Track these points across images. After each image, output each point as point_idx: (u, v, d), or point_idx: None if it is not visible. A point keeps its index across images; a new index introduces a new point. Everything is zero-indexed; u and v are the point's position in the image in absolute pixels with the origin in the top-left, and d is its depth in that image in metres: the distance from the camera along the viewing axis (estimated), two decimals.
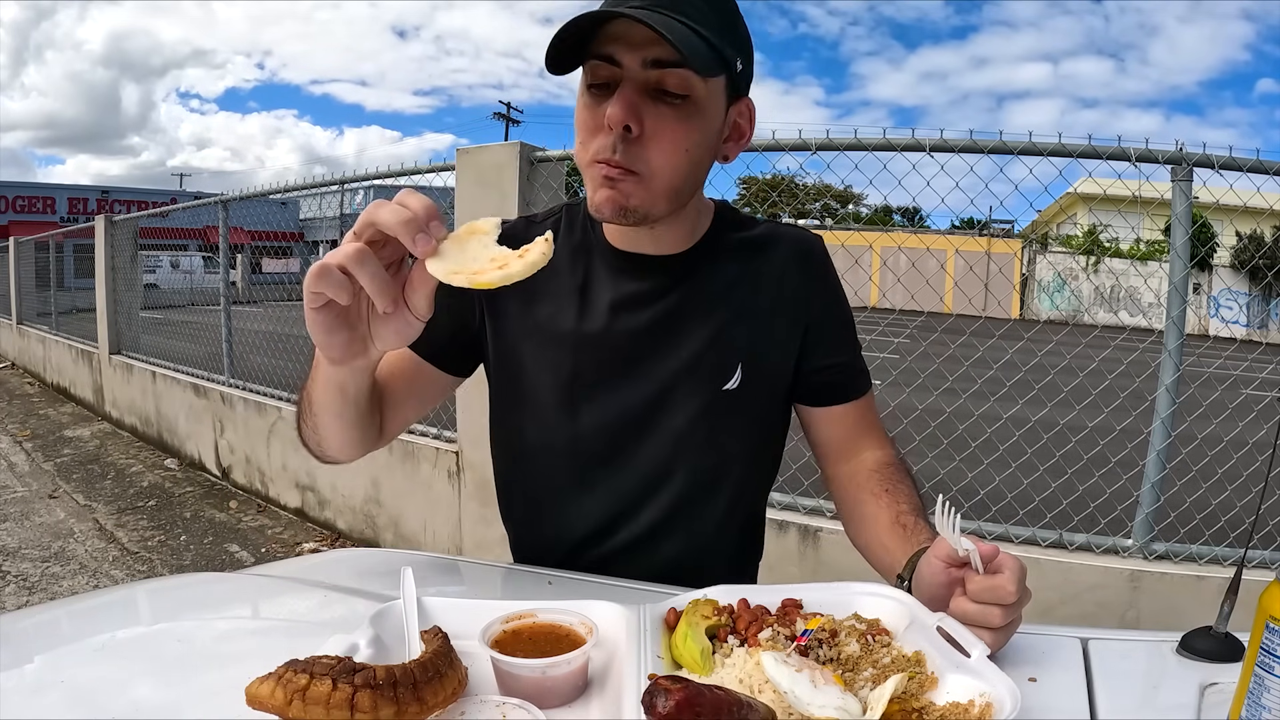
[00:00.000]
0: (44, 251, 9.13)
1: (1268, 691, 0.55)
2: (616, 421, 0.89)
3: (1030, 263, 20.40)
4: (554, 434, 0.91)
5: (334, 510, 3.87)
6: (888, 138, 2.35)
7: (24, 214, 26.32)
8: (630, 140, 0.75)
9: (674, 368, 0.88)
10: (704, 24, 0.73)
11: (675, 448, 0.90)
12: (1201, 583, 2.07)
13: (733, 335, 0.89)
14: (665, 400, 0.89)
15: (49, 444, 5.71)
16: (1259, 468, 0.91)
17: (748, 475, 0.96)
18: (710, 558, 0.95)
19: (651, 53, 0.73)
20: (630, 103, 0.73)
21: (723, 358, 0.89)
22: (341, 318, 0.65)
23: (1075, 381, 2.54)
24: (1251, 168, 2.09)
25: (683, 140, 0.77)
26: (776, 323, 0.91)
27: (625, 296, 0.89)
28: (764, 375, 0.91)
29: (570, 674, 0.62)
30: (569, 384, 0.90)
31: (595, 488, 0.92)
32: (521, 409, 0.94)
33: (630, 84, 0.74)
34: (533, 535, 1.00)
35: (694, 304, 0.89)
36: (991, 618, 0.65)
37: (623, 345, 0.88)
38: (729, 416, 0.90)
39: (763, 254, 0.92)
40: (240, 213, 5.06)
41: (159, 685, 0.67)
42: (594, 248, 0.91)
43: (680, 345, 0.88)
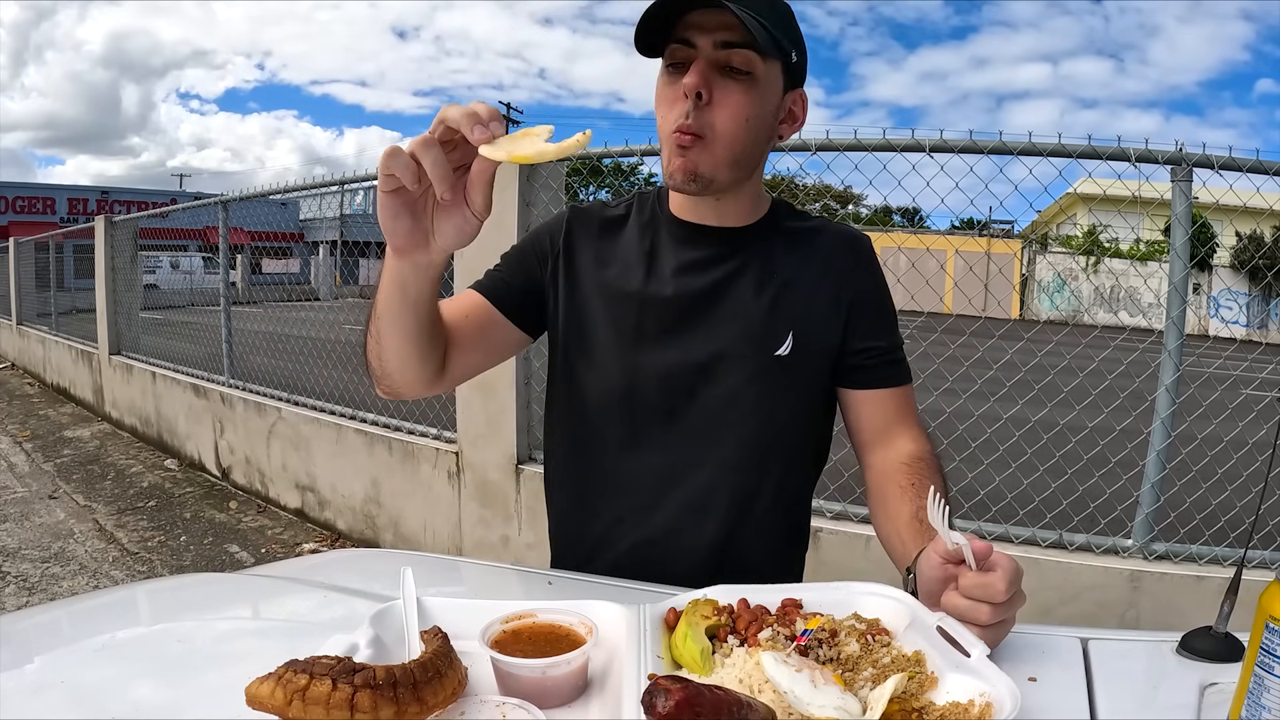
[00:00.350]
0: (44, 252, 9.13)
1: (1268, 691, 0.55)
2: (673, 376, 0.96)
3: (1030, 263, 20.40)
4: (614, 386, 0.97)
5: (334, 511, 3.87)
6: (887, 138, 2.36)
7: (24, 214, 26.31)
8: (700, 106, 0.87)
9: (729, 330, 0.95)
10: (765, 16, 0.85)
11: (726, 409, 0.95)
12: (1201, 583, 2.07)
13: (785, 305, 0.96)
14: (719, 361, 0.95)
15: (49, 444, 5.71)
16: (1259, 468, 0.91)
17: (795, 452, 1.01)
18: (757, 538, 0.98)
19: (721, 36, 0.85)
20: (703, 73, 0.86)
21: (775, 324, 0.95)
22: (407, 205, 0.72)
23: (1075, 382, 2.54)
24: (1251, 168, 2.09)
25: (744, 109, 0.88)
26: (824, 299, 0.98)
27: (687, 261, 0.98)
28: (812, 346, 0.96)
29: (570, 674, 0.62)
30: (631, 338, 0.97)
31: (648, 446, 0.97)
32: (585, 361, 1.00)
33: (703, 60, 0.86)
34: (583, 509, 1.03)
35: (750, 273, 0.97)
36: (980, 614, 0.66)
37: (683, 305, 0.96)
38: (779, 383, 0.96)
39: (814, 239, 1.01)
40: (240, 213, 5.06)
41: (159, 685, 0.67)
42: (661, 222, 1.01)
43: (736, 309, 0.96)
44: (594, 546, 1.01)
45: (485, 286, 1.02)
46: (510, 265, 1.04)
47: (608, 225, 1.03)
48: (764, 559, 1.00)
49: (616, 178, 18.72)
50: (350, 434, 3.71)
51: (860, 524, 2.38)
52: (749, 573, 0.88)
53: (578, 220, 1.04)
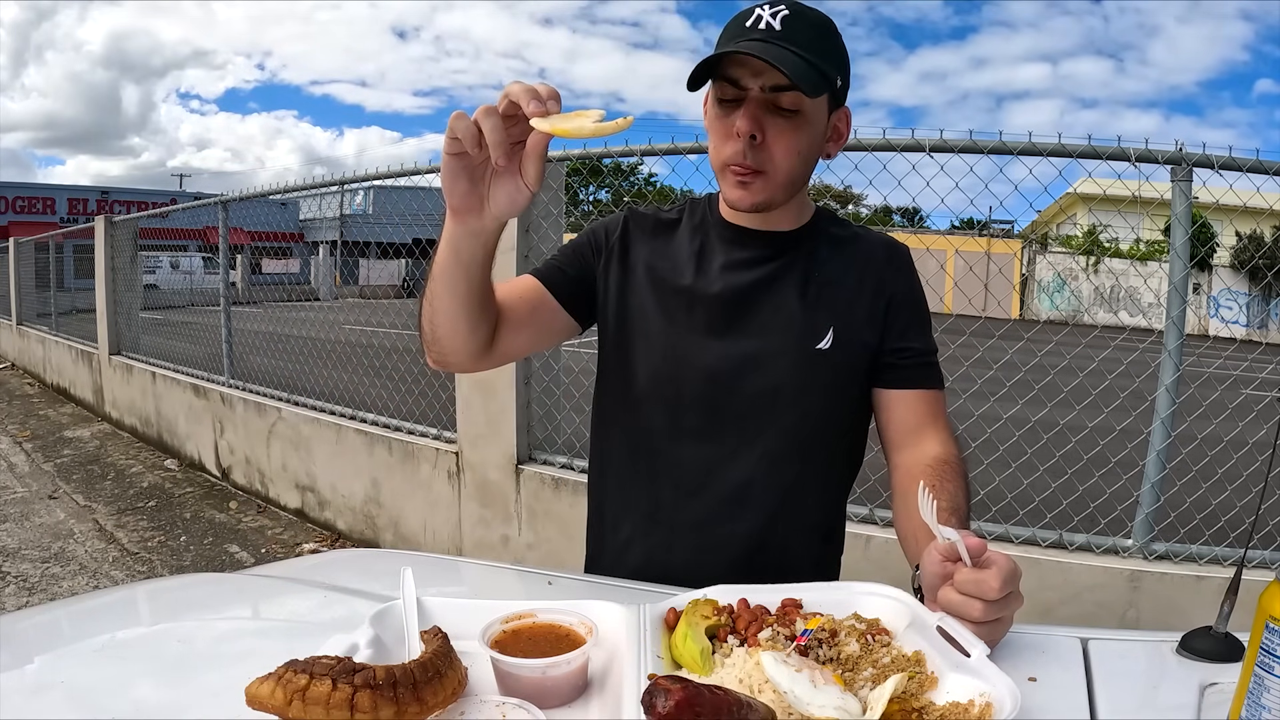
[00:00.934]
0: (44, 252, 9.13)
1: (1268, 691, 0.55)
2: (718, 368, 0.99)
3: (1030, 263, 20.40)
4: (660, 375, 1.02)
5: (334, 511, 3.87)
6: (887, 138, 2.35)
7: (24, 214, 26.29)
8: (755, 146, 0.92)
9: (772, 324, 1.00)
10: (810, 50, 0.89)
11: (767, 401, 0.99)
12: (1201, 583, 2.07)
13: (826, 302, 1.01)
14: (762, 354, 0.99)
15: (49, 444, 5.71)
16: (1259, 468, 0.91)
17: (832, 448, 1.04)
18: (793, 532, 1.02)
19: (770, 79, 0.89)
20: (755, 117, 0.91)
21: (816, 320, 1.00)
22: (466, 168, 0.78)
23: (1075, 381, 2.54)
24: (1251, 168, 2.09)
25: (796, 145, 0.93)
26: (863, 299, 1.02)
27: (735, 260, 1.03)
28: (851, 342, 1.00)
29: (570, 674, 0.62)
30: (680, 331, 1.02)
31: (691, 436, 1.01)
32: (633, 351, 1.05)
33: (753, 102, 0.91)
34: (624, 495, 1.07)
35: (793, 273, 1.02)
36: (972, 610, 0.66)
37: (729, 300, 1.01)
38: (819, 377, 0.99)
39: (855, 244, 1.06)
40: (240, 213, 5.06)
41: (159, 685, 0.67)
42: (711, 225, 1.07)
43: (778, 305, 1.00)
44: (631, 535, 1.05)
45: (540, 271, 1.07)
46: (566, 255, 1.09)
47: (662, 227, 1.09)
48: (801, 553, 1.03)
49: (616, 178, 18.70)
50: (350, 434, 3.71)
51: (860, 524, 2.38)
52: (784, 566, 0.95)
53: (634, 221, 1.10)
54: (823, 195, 25.93)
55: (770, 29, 0.89)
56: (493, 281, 0.94)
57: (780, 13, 0.90)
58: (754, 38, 0.89)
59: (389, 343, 4.99)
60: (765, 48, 0.87)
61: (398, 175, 3.55)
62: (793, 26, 0.89)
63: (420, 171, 3.38)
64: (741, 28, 0.91)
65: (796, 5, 0.91)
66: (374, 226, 16.75)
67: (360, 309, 11.48)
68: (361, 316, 8.93)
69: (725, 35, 0.93)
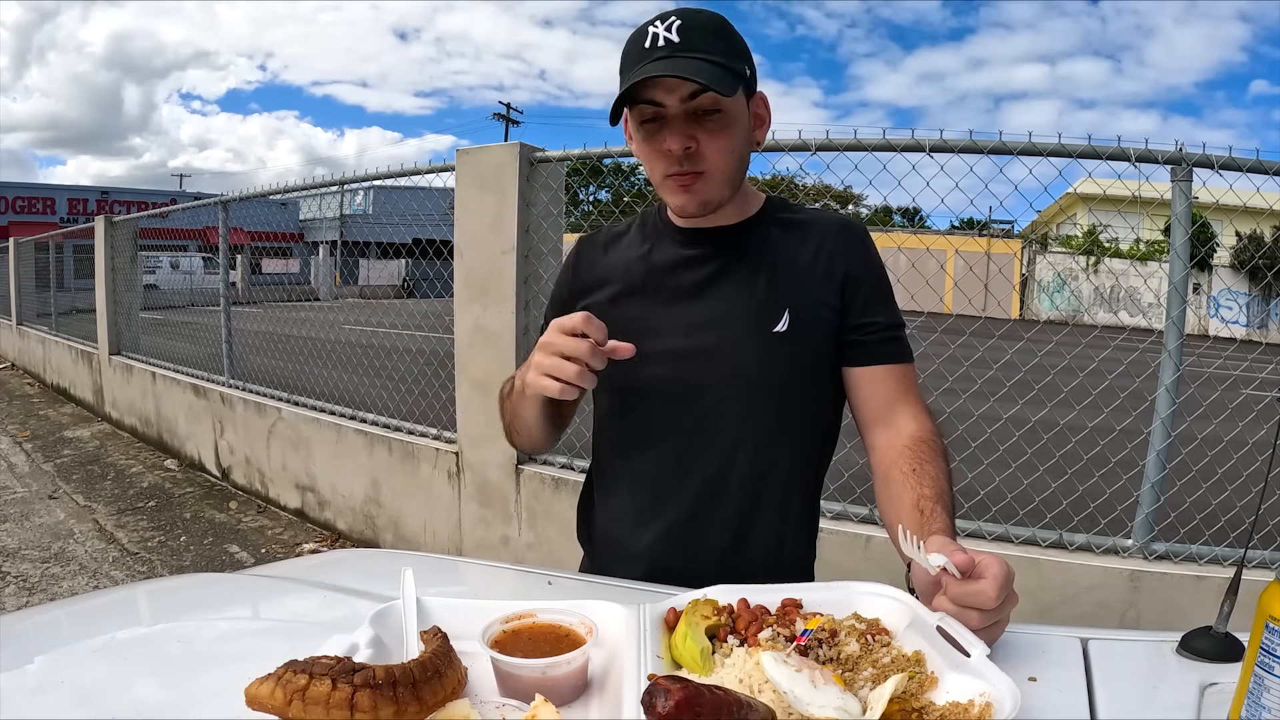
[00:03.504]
0: (44, 252, 9.13)
1: (1268, 691, 0.55)
2: (678, 363, 1.01)
3: (1030, 263, 20.40)
4: (625, 382, 1.02)
5: (334, 511, 3.87)
6: (887, 138, 2.35)
7: (24, 214, 26.29)
8: (691, 154, 0.95)
9: (727, 315, 1.01)
10: (713, 52, 0.92)
11: (731, 388, 1.00)
12: (1201, 583, 2.07)
13: (778, 285, 1.01)
14: (720, 343, 1.01)
15: (49, 445, 5.71)
16: (1259, 468, 0.91)
17: (803, 431, 1.05)
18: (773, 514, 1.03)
19: (685, 89, 0.92)
20: (682, 131, 0.94)
21: (770, 303, 1.00)
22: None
23: (1075, 381, 2.54)
24: (1251, 168, 2.09)
25: (727, 144, 0.96)
26: (817, 277, 1.02)
27: (684, 258, 1.05)
28: (809, 321, 1.00)
29: (570, 674, 0.62)
30: (639, 330, 1.00)
31: (662, 435, 1.03)
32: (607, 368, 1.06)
33: (677, 119, 0.94)
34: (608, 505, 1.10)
35: (744, 263, 1.03)
36: (970, 620, 0.67)
37: (681, 296, 1.03)
38: (781, 360, 1.00)
39: (807, 228, 1.06)
40: (240, 213, 5.06)
41: (159, 685, 0.67)
42: (661, 231, 1.09)
43: (731, 296, 1.02)
44: (621, 540, 1.06)
45: None
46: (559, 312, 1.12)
47: (612, 241, 1.13)
48: (783, 536, 1.04)
49: (616, 178, 18.72)
50: (350, 434, 3.71)
51: (860, 524, 2.38)
52: (769, 551, 1.01)
53: (584, 244, 1.15)
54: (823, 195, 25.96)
55: (670, 43, 0.91)
56: None
57: (674, 24, 0.92)
58: (658, 56, 0.91)
59: (389, 343, 4.99)
60: (672, 64, 0.90)
61: (398, 175, 3.55)
62: (689, 35, 0.92)
63: (420, 171, 3.38)
64: (641, 49, 0.93)
65: (686, 12, 0.94)
66: (374, 226, 16.76)
67: (360, 309, 11.49)
68: (361, 316, 8.93)
69: (628, 60, 0.95)
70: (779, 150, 2.47)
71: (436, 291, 3.84)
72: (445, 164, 3.20)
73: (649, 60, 0.92)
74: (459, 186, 3.05)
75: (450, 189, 3.13)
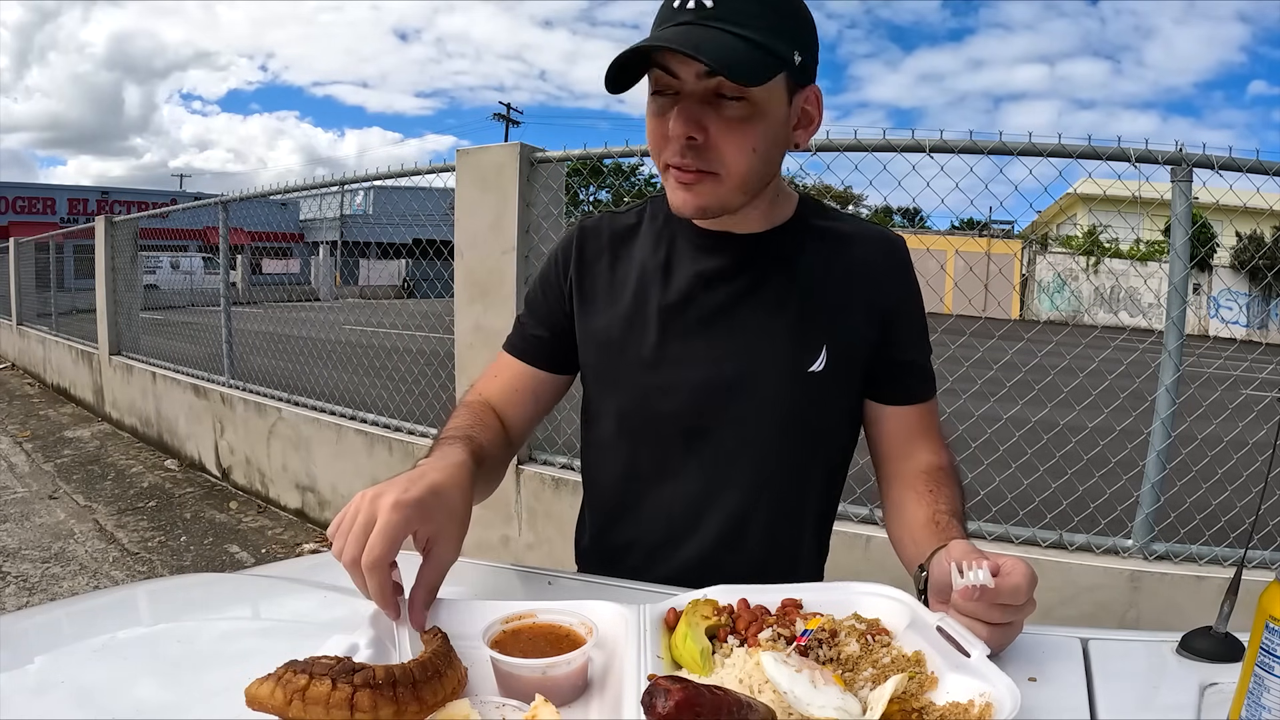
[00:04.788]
0: (44, 252, 9.13)
1: (1268, 691, 0.55)
2: (701, 397, 0.90)
3: (1030, 263, 20.40)
4: (639, 410, 0.93)
5: (334, 511, 3.85)
6: (887, 139, 2.35)
7: (24, 214, 26.30)
8: (698, 145, 0.79)
9: (758, 345, 0.89)
10: (752, 27, 0.75)
11: (759, 427, 0.90)
12: (1201, 583, 2.07)
13: (816, 318, 0.90)
14: (749, 378, 0.89)
15: (49, 445, 5.71)
16: (1259, 468, 0.91)
17: (831, 465, 0.98)
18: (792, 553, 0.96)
19: (701, 66, 0.75)
20: (690, 116, 0.77)
21: (807, 338, 0.89)
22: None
23: (1075, 382, 2.54)
24: (1251, 168, 2.09)
25: (748, 140, 0.79)
26: (857, 311, 0.91)
27: (707, 272, 0.91)
28: (847, 361, 0.91)
29: (570, 674, 0.62)
30: (652, 358, 0.91)
31: (681, 471, 0.93)
32: (608, 386, 0.96)
33: (688, 97, 0.78)
34: (615, 538, 1.00)
35: (776, 282, 0.90)
36: (993, 614, 0.65)
37: (705, 320, 0.90)
38: (814, 399, 0.90)
39: (846, 244, 0.93)
40: (240, 213, 5.06)
41: (159, 686, 0.67)
42: (676, 230, 0.94)
43: (763, 322, 0.89)
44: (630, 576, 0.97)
45: (517, 346, 1.01)
46: (534, 313, 1.01)
47: (619, 237, 0.97)
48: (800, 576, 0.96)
49: (617, 178, 18.71)
50: (350, 434, 3.71)
51: (860, 524, 2.38)
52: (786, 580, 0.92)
53: (587, 238, 0.98)
54: (823, 195, 25.93)
55: (701, 7, 0.75)
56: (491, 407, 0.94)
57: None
58: (680, 21, 0.76)
59: (389, 343, 4.99)
60: (689, 32, 0.74)
61: (397, 175, 3.55)
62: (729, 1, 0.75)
63: (420, 172, 3.38)
64: (670, 9, 0.78)
65: None
66: (374, 227, 16.76)
67: (360, 309, 11.48)
68: (361, 317, 8.93)
69: (658, 16, 0.79)
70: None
71: (437, 292, 3.84)
72: (445, 164, 3.20)
73: (671, 24, 0.76)
74: (459, 187, 3.05)
75: (450, 189, 3.13)
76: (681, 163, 0.80)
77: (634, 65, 0.77)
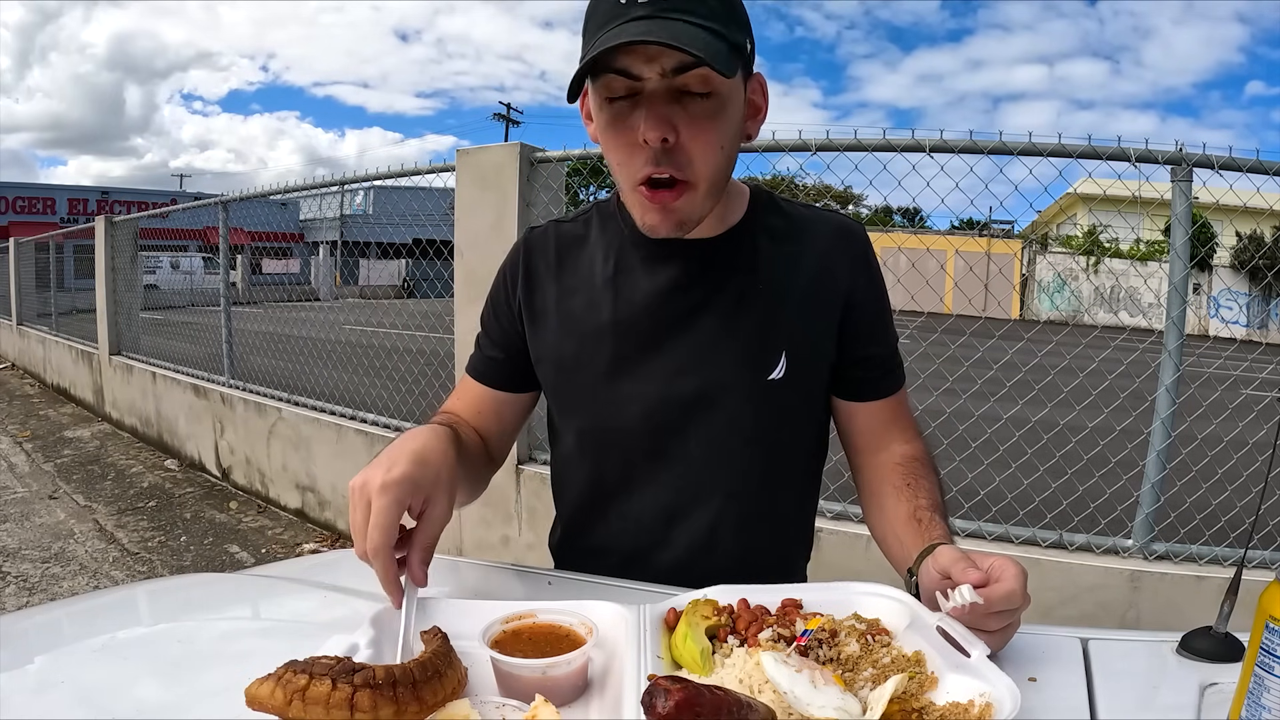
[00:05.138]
0: (44, 252, 9.14)
1: (1268, 691, 0.55)
2: (661, 412, 0.88)
3: (1030, 263, 20.40)
4: (598, 427, 0.91)
5: (334, 511, 3.86)
6: (887, 138, 2.35)
7: (24, 214, 26.30)
8: (669, 149, 0.75)
9: (716, 358, 0.87)
10: (709, 16, 0.72)
11: (723, 439, 0.88)
12: (1201, 583, 2.07)
13: (774, 323, 0.87)
14: (709, 391, 0.87)
15: (49, 445, 5.71)
16: (1259, 468, 0.91)
17: (800, 470, 0.97)
18: (768, 558, 0.95)
19: (670, 60, 0.71)
20: (661, 116, 0.73)
21: (765, 347, 0.87)
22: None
23: (1075, 382, 2.54)
24: (1251, 168, 2.09)
25: (718, 137, 0.77)
26: (817, 310, 0.89)
27: (660, 284, 0.87)
28: (807, 365, 0.88)
29: (570, 674, 0.62)
30: (608, 375, 0.89)
31: (646, 485, 0.91)
32: (566, 403, 0.94)
33: (654, 96, 0.73)
34: (586, 552, 0.98)
35: (731, 289, 0.87)
36: (989, 622, 0.65)
37: (661, 334, 0.87)
38: (776, 407, 0.88)
39: (802, 237, 0.90)
40: (240, 213, 5.06)
41: (160, 686, 0.67)
42: (625, 238, 0.90)
43: (720, 334, 0.87)
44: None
45: (478, 370, 1.00)
46: (490, 334, 0.99)
47: (566, 247, 0.93)
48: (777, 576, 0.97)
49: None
50: (350, 434, 3.71)
51: (860, 524, 2.38)
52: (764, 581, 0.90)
53: (533, 250, 0.95)
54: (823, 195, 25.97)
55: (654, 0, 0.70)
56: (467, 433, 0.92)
57: None
58: (635, 16, 0.70)
59: (389, 343, 4.99)
60: (656, 26, 0.69)
61: (397, 175, 3.55)
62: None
63: (420, 172, 3.38)
64: (616, 6, 0.72)
65: None
66: (374, 227, 16.77)
67: (360, 309, 11.48)
68: (361, 317, 8.93)
69: (595, 18, 0.74)
70: (779, 150, 2.47)
71: (437, 292, 3.84)
72: (445, 164, 3.20)
73: (623, 20, 0.71)
74: (459, 187, 3.05)
75: (450, 189, 3.13)
76: (656, 171, 0.75)
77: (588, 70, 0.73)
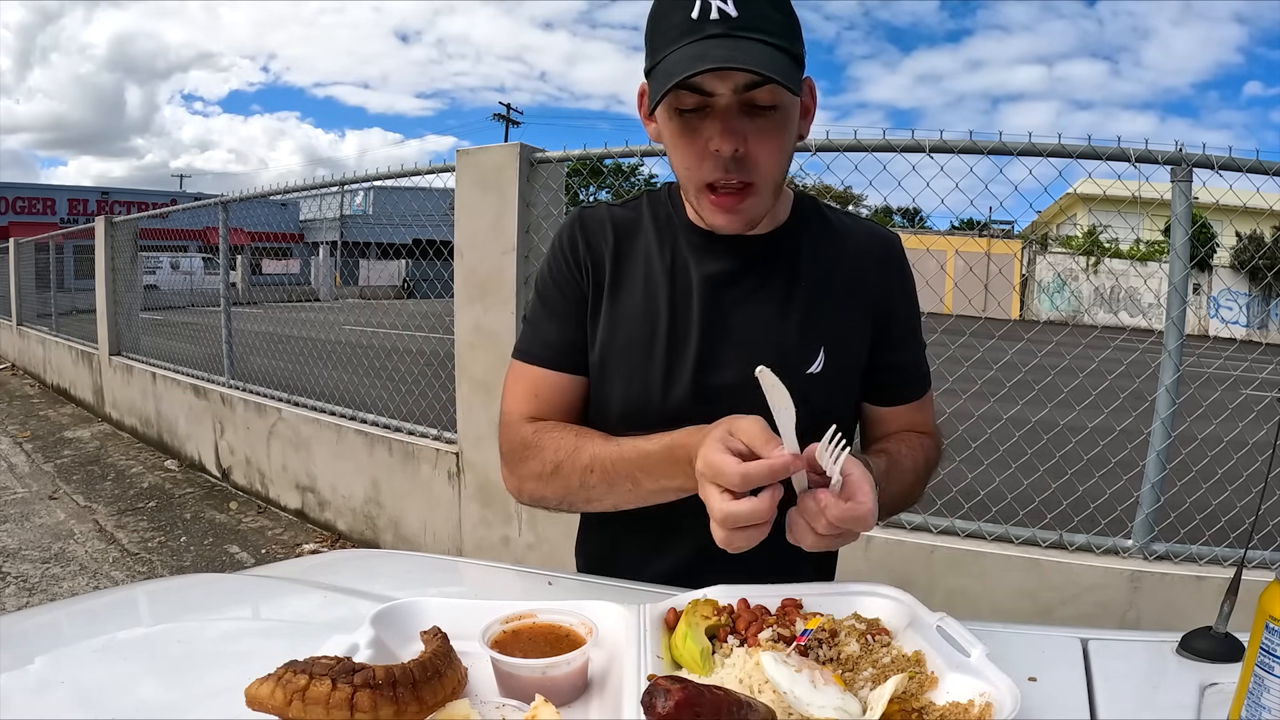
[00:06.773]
0: (44, 253, 9.14)
1: (1268, 691, 0.55)
2: (707, 399, 0.89)
3: (1030, 263, 20.41)
4: (645, 411, 0.92)
5: (334, 511, 3.87)
6: (887, 139, 2.35)
7: (24, 215, 26.30)
8: (738, 158, 0.80)
9: (759, 350, 0.88)
10: (778, 34, 0.77)
11: None
12: (1201, 583, 2.07)
13: (815, 319, 0.91)
14: (748, 384, 0.86)
15: (49, 445, 5.71)
16: (1259, 468, 0.91)
17: None
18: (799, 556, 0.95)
19: (742, 79, 0.76)
20: (733, 129, 0.78)
21: (806, 341, 0.90)
22: None
23: (1075, 382, 2.54)
24: (1251, 168, 2.09)
25: (781, 146, 0.82)
26: (853, 311, 0.93)
27: (712, 275, 0.91)
28: (844, 362, 0.92)
29: (570, 674, 0.62)
30: (662, 360, 0.91)
31: None
32: (614, 383, 0.94)
33: (728, 112, 0.78)
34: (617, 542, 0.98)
35: (776, 285, 0.91)
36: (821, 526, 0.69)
37: (712, 324, 0.90)
38: (814, 401, 0.87)
39: (843, 243, 0.95)
40: (240, 214, 5.06)
41: (160, 686, 0.67)
42: (678, 229, 0.94)
43: (764, 327, 0.90)
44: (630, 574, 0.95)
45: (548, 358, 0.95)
46: (554, 314, 0.96)
47: (623, 230, 0.95)
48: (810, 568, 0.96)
49: (617, 178, 18.73)
50: (350, 434, 3.71)
51: None
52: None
53: (589, 225, 0.95)
54: (823, 195, 25.88)
55: (727, 18, 0.74)
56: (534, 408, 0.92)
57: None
58: (712, 34, 0.74)
59: (389, 343, 4.99)
60: (735, 47, 0.74)
61: (398, 176, 3.55)
62: (751, 7, 0.75)
63: (420, 172, 3.38)
64: (689, 21, 0.75)
65: None
66: (374, 227, 16.77)
67: (360, 309, 11.48)
68: (361, 317, 8.94)
69: (668, 31, 0.78)
70: None
71: (436, 292, 3.84)
72: (446, 165, 3.20)
73: (699, 38, 0.75)
74: (459, 187, 3.05)
75: (450, 189, 3.14)
76: (725, 178, 0.80)
77: (663, 85, 0.77)
